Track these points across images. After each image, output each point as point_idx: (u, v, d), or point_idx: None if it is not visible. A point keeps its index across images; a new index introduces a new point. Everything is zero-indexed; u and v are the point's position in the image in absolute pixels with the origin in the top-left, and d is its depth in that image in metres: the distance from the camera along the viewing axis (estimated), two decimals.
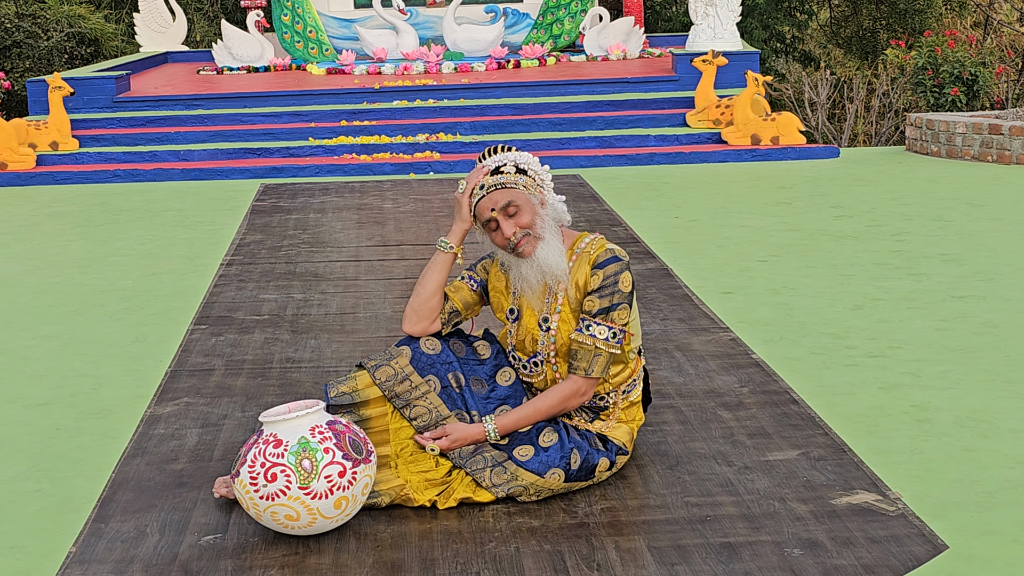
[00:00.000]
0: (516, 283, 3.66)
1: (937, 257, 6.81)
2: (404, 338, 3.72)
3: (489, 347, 3.78)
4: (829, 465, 3.78)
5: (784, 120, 11.15)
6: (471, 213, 3.64)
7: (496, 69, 14.34)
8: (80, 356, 5.33)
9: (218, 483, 3.66)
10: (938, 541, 3.26)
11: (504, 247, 3.61)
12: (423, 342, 3.67)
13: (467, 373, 3.68)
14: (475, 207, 3.61)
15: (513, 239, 3.56)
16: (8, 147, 11.19)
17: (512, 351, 3.76)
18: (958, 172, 9.94)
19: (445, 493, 3.53)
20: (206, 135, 11.84)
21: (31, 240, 8.20)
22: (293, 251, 7.39)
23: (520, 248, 3.58)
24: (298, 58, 15.28)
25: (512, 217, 3.57)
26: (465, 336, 3.80)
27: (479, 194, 3.60)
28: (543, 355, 3.69)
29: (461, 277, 3.81)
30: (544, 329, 3.66)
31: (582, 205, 8.73)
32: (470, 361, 3.72)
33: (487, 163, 3.65)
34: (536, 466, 3.53)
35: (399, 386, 3.58)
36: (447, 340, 3.73)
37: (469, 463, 3.55)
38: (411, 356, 3.63)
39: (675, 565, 3.15)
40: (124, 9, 19.93)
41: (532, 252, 3.58)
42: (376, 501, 3.50)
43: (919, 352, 5.02)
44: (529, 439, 3.60)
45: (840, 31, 21.75)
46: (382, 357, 3.63)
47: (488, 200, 3.58)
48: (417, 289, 3.73)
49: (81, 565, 3.26)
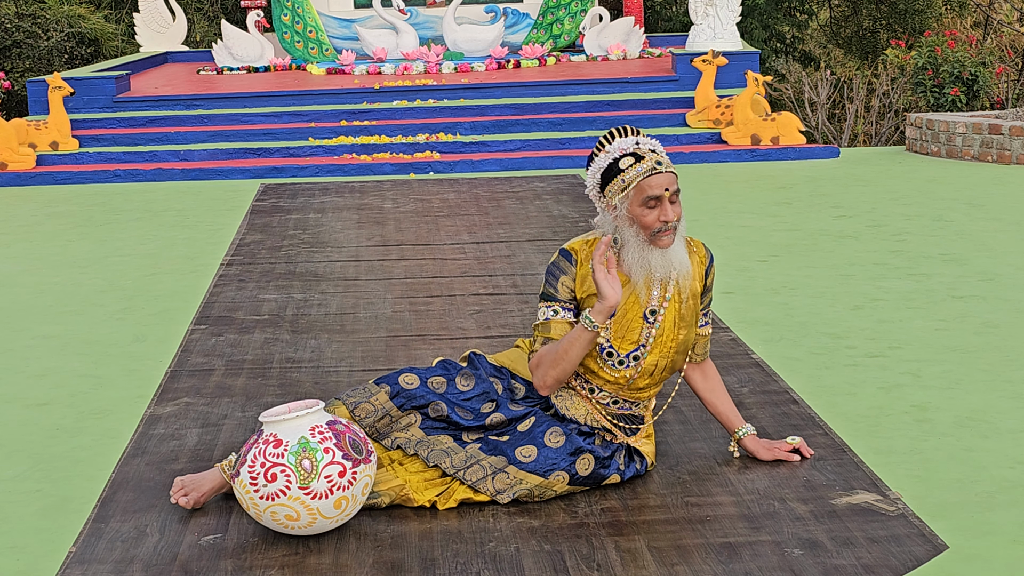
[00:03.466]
0: (634, 271, 3.59)
1: (937, 257, 6.81)
2: (381, 376, 3.71)
3: (472, 378, 3.73)
4: (829, 465, 3.78)
5: (784, 120, 11.15)
6: (628, 220, 3.56)
7: (496, 69, 14.34)
8: (80, 356, 5.33)
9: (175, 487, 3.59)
10: (938, 541, 3.26)
11: (650, 228, 3.53)
12: (401, 378, 3.66)
13: (450, 405, 3.66)
14: (643, 179, 3.51)
15: (670, 224, 3.54)
16: (8, 147, 11.19)
17: (607, 348, 3.66)
18: (958, 172, 9.94)
19: (445, 494, 3.53)
20: (206, 135, 11.84)
21: (31, 240, 8.20)
22: (293, 251, 7.39)
23: (664, 237, 3.56)
24: (298, 58, 15.28)
25: (672, 204, 3.56)
26: (447, 370, 3.75)
27: (653, 168, 3.52)
28: (646, 347, 3.67)
29: (555, 312, 3.65)
30: (650, 321, 3.65)
31: (582, 205, 8.73)
32: (450, 394, 3.69)
33: (643, 144, 3.58)
34: (537, 466, 3.53)
35: (379, 422, 3.61)
36: (426, 378, 3.69)
37: (467, 474, 3.53)
38: (391, 393, 3.63)
39: (675, 565, 3.15)
40: (124, 9, 19.93)
41: (670, 244, 3.58)
42: (376, 501, 3.50)
43: (919, 352, 5.02)
44: (533, 439, 3.59)
45: (840, 31, 21.75)
46: (361, 394, 3.64)
47: (664, 178, 3.53)
48: (561, 365, 3.61)
49: (81, 565, 3.25)
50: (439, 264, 6.91)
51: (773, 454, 3.80)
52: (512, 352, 3.93)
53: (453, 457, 3.56)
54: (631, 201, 3.54)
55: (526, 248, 7.28)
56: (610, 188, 3.57)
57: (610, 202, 3.57)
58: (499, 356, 3.91)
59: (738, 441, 3.84)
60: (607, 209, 3.60)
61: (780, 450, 3.81)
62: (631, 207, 3.54)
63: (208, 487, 3.55)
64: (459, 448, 3.59)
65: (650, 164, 3.53)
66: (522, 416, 3.68)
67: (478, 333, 5.42)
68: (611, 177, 3.57)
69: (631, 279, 3.61)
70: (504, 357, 3.89)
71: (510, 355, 3.91)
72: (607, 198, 3.59)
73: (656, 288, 3.64)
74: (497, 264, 6.86)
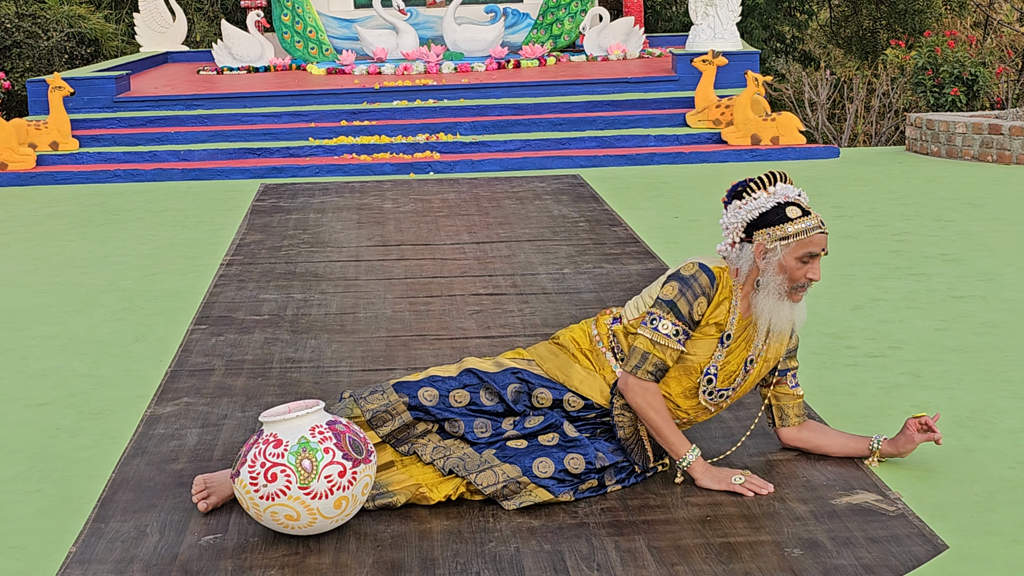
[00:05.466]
0: (763, 316, 3.61)
1: (937, 257, 6.81)
2: (398, 383, 3.66)
3: (496, 395, 3.67)
4: (829, 465, 3.78)
5: (784, 120, 11.15)
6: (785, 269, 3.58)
7: (496, 69, 14.34)
8: (80, 356, 5.33)
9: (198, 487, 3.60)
10: (938, 541, 3.26)
11: (795, 282, 3.58)
12: (421, 392, 3.62)
13: (468, 422, 3.62)
14: (809, 235, 3.55)
15: (814, 282, 3.62)
16: (8, 147, 11.19)
17: (709, 375, 3.66)
18: (958, 172, 9.95)
19: (457, 490, 3.53)
20: (206, 135, 11.84)
21: (31, 240, 8.20)
22: (293, 251, 7.39)
23: (801, 292, 3.62)
24: (298, 58, 15.28)
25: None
26: (471, 382, 3.69)
27: (819, 226, 3.57)
28: (734, 390, 3.72)
29: (678, 336, 3.59)
30: (745, 370, 3.70)
31: (582, 205, 8.73)
32: (471, 408, 3.64)
33: (804, 197, 3.63)
34: (551, 485, 3.51)
35: (397, 431, 3.60)
36: (446, 393, 3.64)
37: (479, 477, 3.50)
38: (409, 404, 3.61)
39: (675, 565, 3.15)
40: (124, 9, 19.93)
41: (800, 300, 3.65)
42: (391, 501, 3.49)
43: (919, 352, 5.02)
44: (549, 454, 3.55)
45: (840, 31, 21.75)
46: (379, 401, 3.60)
47: (824, 239, 3.60)
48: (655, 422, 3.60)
49: (81, 565, 3.25)
50: (439, 264, 6.91)
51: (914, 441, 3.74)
52: (545, 349, 3.80)
53: (467, 462, 3.55)
54: (789, 251, 3.56)
55: (526, 248, 7.28)
56: (769, 231, 3.57)
57: (765, 244, 3.58)
58: (538, 352, 3.79)
59: (878, 454, 3.77)
60: (756, 249, 3.59)
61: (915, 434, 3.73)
62: (786, 257, 3.57)
63: (229, 491, 3.55)
64: (475, 454, 3.58)
65: (816, 222, 3.59)
66: (542, 430, 3.63)
67: (478, 333, 5.42)
68: (773, 221, 3.57)
69: (755, 322, 3.65)
70: (545, 361, 3.76)
71: (543, 354, 3.78)
72: (760, 239, 3.58)
73: (761, 339, 3.68)
74: (497, 264, 6.86)
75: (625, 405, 3.64)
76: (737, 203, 3.64)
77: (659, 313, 3.58)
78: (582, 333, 3.78)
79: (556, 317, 5.67)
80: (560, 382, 3.70)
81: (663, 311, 3.58)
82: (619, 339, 3.71)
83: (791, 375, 3.82)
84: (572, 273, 6.57)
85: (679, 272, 3.62)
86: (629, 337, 3.69)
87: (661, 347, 3.57)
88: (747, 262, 3.62)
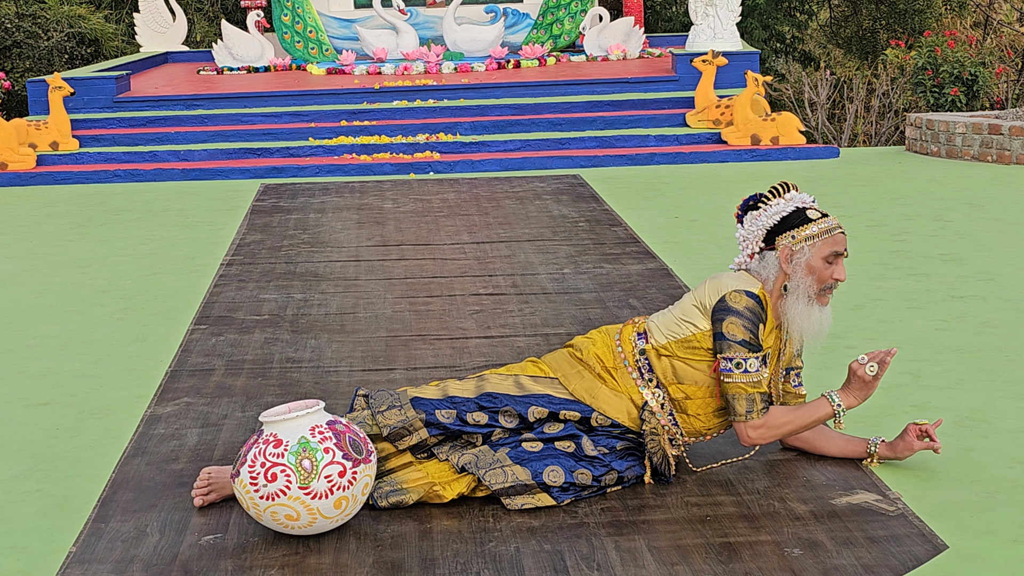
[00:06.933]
0: (794, 322, 3.64)
1: (937, 257, 6.81)
2: (415, 398, 3.64)
3: (515, 417, 3.63)
4: (829, 465, 3.78)
5: (784, 120, 11.15)
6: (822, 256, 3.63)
7: (496, 69, 14.34)
8: (80, 356, 5.34)
9: (201, 481, 3.61)
10: (938, 541, 3.27)
11: (823, 283, 3.63)
12: (439, 413, 3.61)
13: (486, 433, 3.62)
14: (832, 234, 3.62)
15: (840, 283, 3.67)
16: (8, 147, 11.19)
17: None
18: (958, 172, 9.95)
19: (471, 483, 3.53)
20: (206, 135, 11.84)
21: (31, 240, 8.20)
22: (293, 251, 7.39)
23: (828, 295, 3.66)
24: (298, 58, 15.28)
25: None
26: (490, 405, 3.64)
27: (839, 227, 3.65)
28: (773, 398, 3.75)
29: (764, 364, 3.61)
30: (782, 379, 3.76)
31: (582, 205, 8.73)
32: (487, 426, 3.62)
33: (817, 204, 3.70)
34: (558, 493, 3.52)
35: (415, 446, 3.61)
36: (464, 413, 3.62)
37: (488, 475, 3.50)
38: (425, 421, 3.60)
39: (675, 565, 3.15)
40: (124, 9, 19.93)
41: (827, 303, 3.68)
42: (403, 499, 3.50)
43: (919, 352, 5.02)
44: (563, 465, 3.54)
45: (840, 31, 21.75)
46: (396, 417, 3.59)
47: (844, 239, 3.66)
48: (798, 426, 3.66)
49: (81, 565, 3.26)
50: (439, 264, 6.91)
51: (912, 448, 3.76)
52: (567, 364, 3.74)
53: (480, 459, 3.55)
54: (816, 251, 3.61)
55: (526, 248, 7.28)
56: (794, 233, 3.62)
57: (790, 247, 3.61)
58: (560, 367, 3.73)
59: (876, 456, 3.77)
60: (781, 253, 3.62)
61: (914, 441, 3.75)
62: (813, 257, 3.61)
63: (230, 488, 3.55)
64: (490, 451, 3.57)
65: (836, 222, 3.66)
66: (560, 437, 3.61)
67: (478, 333, 5.42)
68: (796, 224, 3.62)
69: (787, 327, 3.66)
70: (570, 381, 3.69)
71: (566, 371, 3.71)
72: (785, 243, 3.62)
73: (790, 349, 3.74)
74: (497, 264, 6.86)
75: (654, 430, 3.63)
76: (754, 213, 3.68)
77: (739, 356, 3.57)
78: (606, 348, 3.71)
79: (556, 317, 5.67)
80: (587, 404, 3.66)
81: (742, 352, 3.57)
82: (651, 360, 3.66)
83: (795, 374, 3.82)
84: (572, 273, 6.58)
85: (728, 306, 3.57)
86: (663, 360, 3.65)
87: (757, 383, 3.60)
88: (773, 269, 3.65)
